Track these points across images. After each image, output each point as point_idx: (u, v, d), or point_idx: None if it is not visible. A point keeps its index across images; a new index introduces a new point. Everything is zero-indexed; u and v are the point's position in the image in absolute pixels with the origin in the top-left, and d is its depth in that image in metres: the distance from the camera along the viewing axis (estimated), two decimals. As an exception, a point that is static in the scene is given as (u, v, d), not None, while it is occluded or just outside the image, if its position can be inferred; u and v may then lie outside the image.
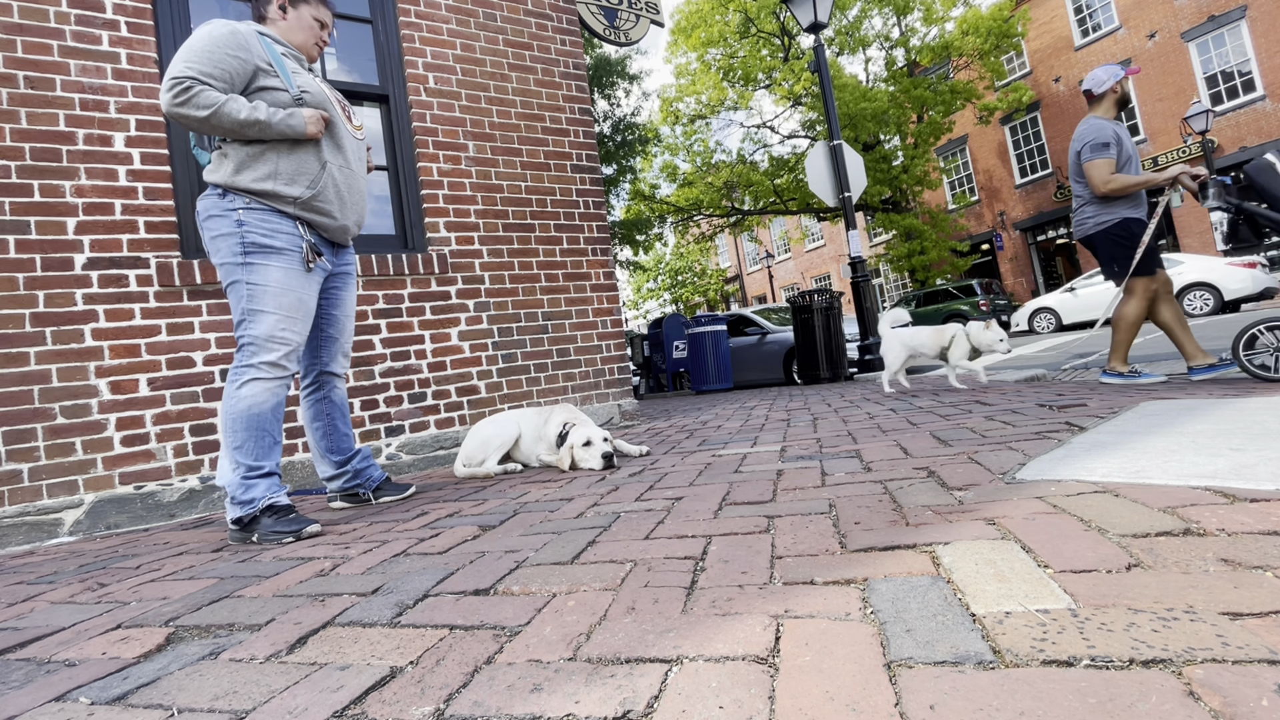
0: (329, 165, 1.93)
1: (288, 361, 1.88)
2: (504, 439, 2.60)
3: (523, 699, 0.68)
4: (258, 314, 1.82)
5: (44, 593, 1.47)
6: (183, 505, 2.57)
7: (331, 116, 1.94)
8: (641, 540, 1.24)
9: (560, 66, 3.91)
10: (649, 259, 29.16)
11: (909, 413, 2.72)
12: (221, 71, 1.75)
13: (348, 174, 2.00)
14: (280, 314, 1.85)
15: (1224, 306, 10.38)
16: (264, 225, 1.83)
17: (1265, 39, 14.47)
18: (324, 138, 1.93)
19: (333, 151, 1.96)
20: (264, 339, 1.82)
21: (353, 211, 2.05)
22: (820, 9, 6.01)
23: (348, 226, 2.04)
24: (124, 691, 0.84)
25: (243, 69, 1.79)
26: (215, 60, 1.74)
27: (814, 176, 6.04)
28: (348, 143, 2.02)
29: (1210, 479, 1.12)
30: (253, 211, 1.82)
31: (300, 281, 1.89)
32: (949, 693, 0.59)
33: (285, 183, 1.85)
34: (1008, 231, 20.25)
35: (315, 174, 1.90)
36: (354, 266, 2.20)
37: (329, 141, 1.95)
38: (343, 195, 1.98)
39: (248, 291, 1.82)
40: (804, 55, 17.04)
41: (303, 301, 1.90)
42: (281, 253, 1.85)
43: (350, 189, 2.01)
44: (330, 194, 1.94)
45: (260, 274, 1.82)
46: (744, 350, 8.21)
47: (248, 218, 1.82)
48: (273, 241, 1.84)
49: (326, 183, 1.93)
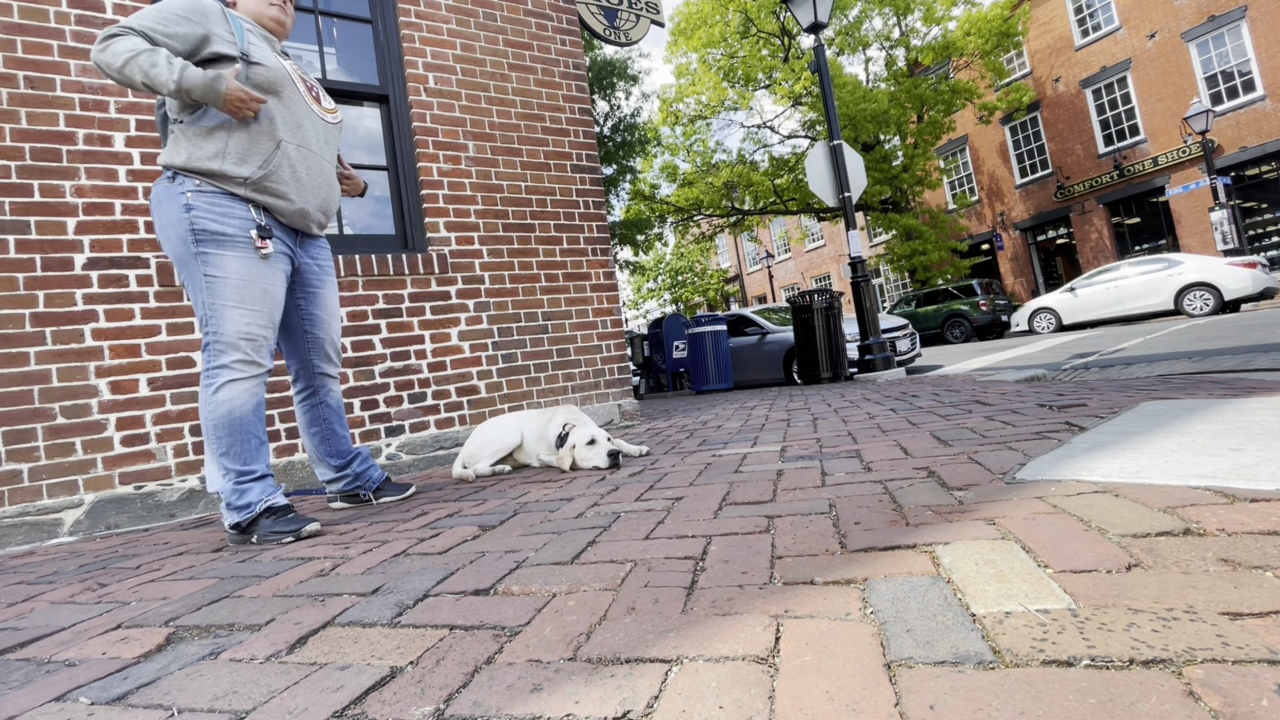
0: (284, 144, 1.82)
1: (260, 357, 1.80)
2: (501, 445, 2.59)
3: (523, 699, 0.68)
4: (221, 309, 1.74)
5: (44, 593, 1.47)
6: (183, 505, 2.57)
7: (286, 93, 1.85)
8: (641, 540, 1.24)
9: (560, 66, 3.91)
10: (649, 259, 29.20)
11: (909, 413, 2.72)
12: (164, 29, 1.67)
13: (306, 154, 1.89)
14: (245, 308, 1.76)
15: (1224, 306, 10.38)
16: (213, 210, 1.73)
17: (1265, 39, 14.47)
18: (280, 114, 1.82)
19: (290, 130, 1.84)
20: (231, 335, 1.75)
21: (313, 195, 1.92)
22: (820, 9, 6.01)
23: (307, 211, 1.92)
24: (124, 691, 0.84)
25: (190, 32, 1.71)
26: (160, 18, 1.68)
27: (814, 176, 6.04)
28: (308, 122, 1.90)
29: (1210, 479, 1.12)
30: (202, 195, 1.72)
31: (261, 271, 1.80)
32: (949, 693, 0.59)
33: (235, 162, 1.75)
34: (1008, 231, 20.25)
35: (268, 153, 1.79)
36: (330, 260, 2.13)
37: (286, 119, 1.83)
38: (300, 177, 1.87)
39: (207, 285, 1.73)
40: (804, 55, 17.05)
41: (267, 292, 1.82)
42: (235, 240, 1.76)
43: (310, 170, 1.90)
44: (285, 174, 1.83)
45: (216, 265, 1.73)
46: (744, 350, 8.21)
47: (196, 201, 1.72)
48: (223, 228, 1.74)
49: (280, 162, 1.81)
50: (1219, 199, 13.69)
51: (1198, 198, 15.70)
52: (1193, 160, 15.74)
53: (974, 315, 14.34)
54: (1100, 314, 12.13)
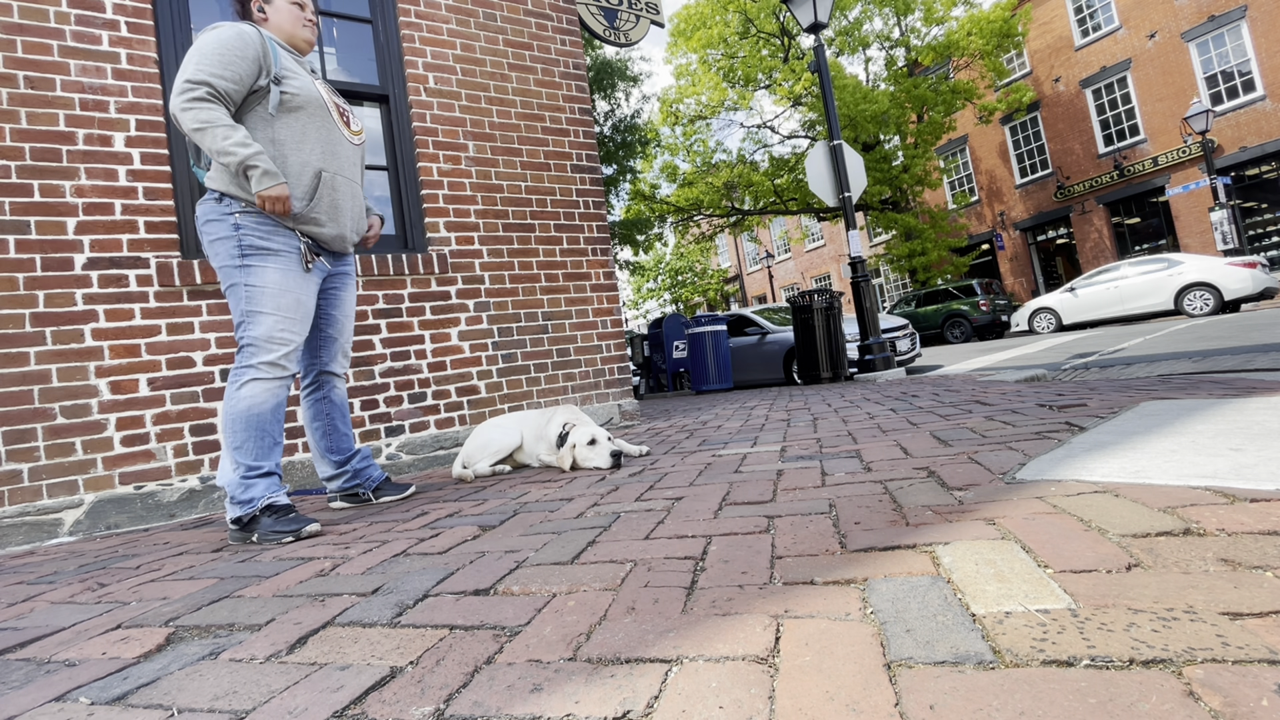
0: (323, 175, 1.92)
1: (287, 362, 1.89)
2: (500, 446, 2.59)
3: (523, 699, 0.68)
4: (256, 315, 1.83)
5: (44, 593, 1.47)
6: (183, 505, 2.57)
7: (320, 120, 1.93)
8: (641, 540, 1.24)
9: (560, 66, 3.91)
10: (649, 259, 29.19)
11: (909, 413, 2.72)
12: (232, 73, 1.76)
13: (343, 182, 1.99)
14: (279, 315, 1.86)
15: (1224, 306, 10.37)
16: (260, 229, 1.84)
17: (1265, 39, 14.47)
18: (319, 145, 1.92)
19: (328, 158, 1.94)
20: (263, 339, 1.83)
21: (349, 220, 2.03)
22: (820, 9, 6.01)
23: (344, 235, 2.03)
24: (124, 691, 0.84)
25: (249, 71, 1.80)
26: (224, 62, 1.75)
27: (814, 176, 6.04)
28: (344, 149, 2.00)
29: (1210, 479, 1.12)
30: (249, 215, 1.83)
31: (298, 282, 1.90)
32: (949, 693, 0.59)
33: None
34: (1008, 231, 20.25)
35: (309, 186, 1.89)
36: (353, 268, 2.20)
37: (324, 149, 1.93)
38: (338, 203, 1.97)
39: (246, 293, 1.83)
40: (804, 56, 17.05)
41: (301, 302, 1.91)
42: (279, 254, 1.86)
43: (345, 195, 2.00)
44: (325, 204, 1.93)
45: (258, 275, 1.83)
46: (744, 350, 8.21)
47: (244, 221, 1.82)
48: (269, 244, 1.85)
49: (322, 194, 1.92)
50: (1219, 199, 13.68)
51: (1198, 198, 15.70)
52: (1193, 160, 15.74)
53: (974, 315, 14.34)
54: (1100, 314, 12.13)
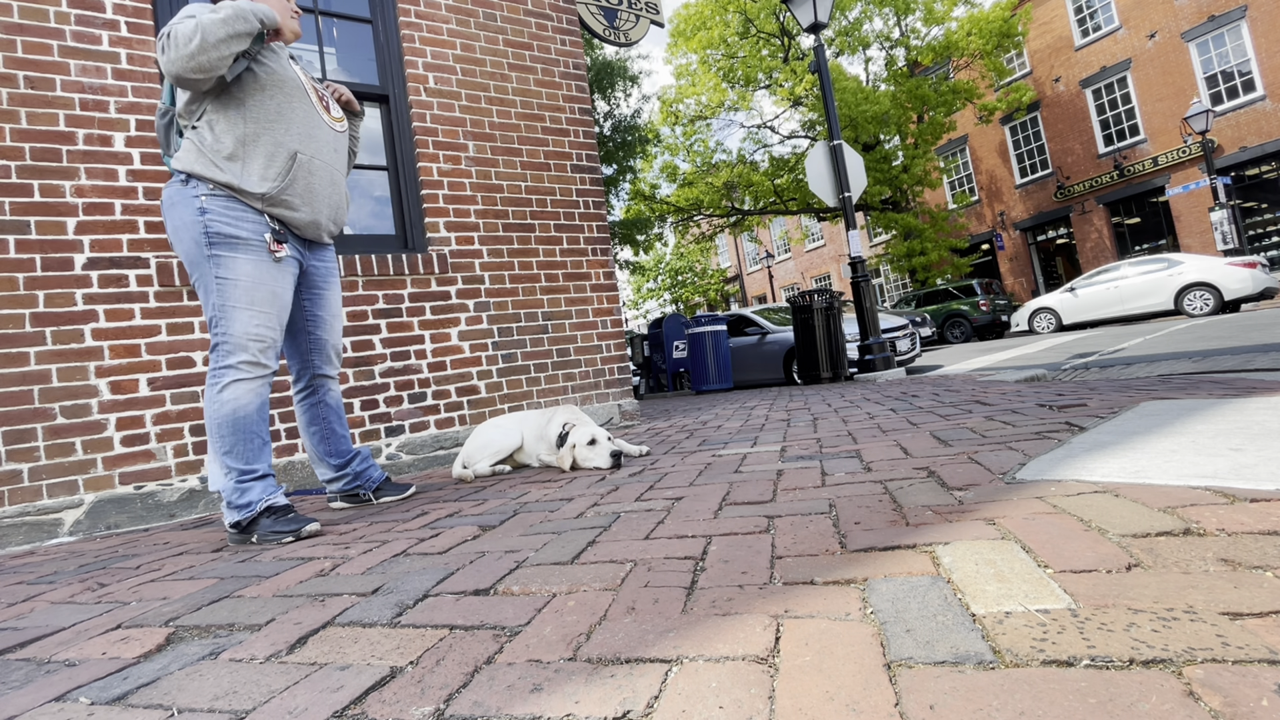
0: (299, 157, 1.85)
1: (266, 358, 1.82)
2: (500, 446, 2.59)
3: (523, 699, 0.68)
4: (231, 310, 1.76)
5: (44, 593, 1.47)
6: (183, 505, 2.57)
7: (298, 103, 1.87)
8: (641, 540, 1.24)
9: (560, 66, 3.91)
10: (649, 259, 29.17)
11: (909, 413, 2.72)
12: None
13: (320, 166, 1.92)
14: (254, 309, 1.78)
15: (1224, 306, 10.37)
16: (228, 214, 1.76)
17: (1265, 39, 14.47)
18: (296, 126, 1.85)
19: (304, 140, 1.87)
20: (240, 336, 1.77)
21: (325, 206, 1.95)
22: (820, 9, 6.01)
23: (319, 222, 1.95)
24: (124, 691, 0.84)
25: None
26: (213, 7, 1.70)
27: (814, 176, 6.04)
28: (322, 133, 1.93)
29: (1210, 479, 1.12)
30: (216, 199, 1.75)
31: (272, 274, 1.82)
32: (949, 693, 0.59)
33: (255, 180, 1.78)
34: (1008, 231, 20.25)
35: (283, 167, 1.82)
36: (336, 264, 2.15)
37: (302, 131, 1.86)
38: (313, 188, 1.89)
39: (217, 287, 1.75)
40: (804, 56, 17.05)
41: (277, 295, 1.84)
42: (248, 243, 1.78)
43: (323, 181, 1.93)
44: (299, 186, 1.85)
45: (229, 267, 1.75)
46: (744, 350, 8.21)
47: (211, 205, 1.74)
48: (237, 231, 1.76)
49: (296, 175, 1.84)
50: (1219, 199, 13.68)
51: (1198, 198, 15.70)
52: (1193, 160, 15.74)
53: (974, 315, 14.34)
54: (1100, 314, 12.13)
